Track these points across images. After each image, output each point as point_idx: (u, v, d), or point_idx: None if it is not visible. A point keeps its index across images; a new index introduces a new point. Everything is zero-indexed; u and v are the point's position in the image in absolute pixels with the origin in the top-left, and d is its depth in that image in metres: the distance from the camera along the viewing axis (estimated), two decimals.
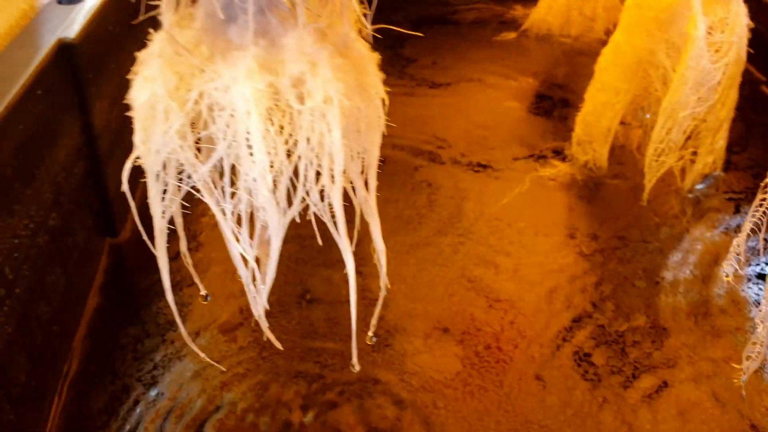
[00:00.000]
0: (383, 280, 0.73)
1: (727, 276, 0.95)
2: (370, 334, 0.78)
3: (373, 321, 0.77)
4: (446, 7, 2.41)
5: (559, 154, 1.63)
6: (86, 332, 1.14)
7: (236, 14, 0.60)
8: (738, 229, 1.40)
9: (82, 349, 1.11)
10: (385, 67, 0.68)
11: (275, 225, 0.59)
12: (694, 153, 1.48)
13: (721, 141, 1.51)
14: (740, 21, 1.37)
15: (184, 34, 0.60)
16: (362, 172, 0.70)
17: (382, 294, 0.74)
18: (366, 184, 0.71)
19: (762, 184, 0.83)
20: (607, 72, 1.50)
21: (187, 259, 0.76)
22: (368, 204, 0.70)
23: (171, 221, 0.68)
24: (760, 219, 0.87)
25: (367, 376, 1.07)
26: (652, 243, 1.37)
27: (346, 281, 0.67)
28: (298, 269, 1.28)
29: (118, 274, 1.28)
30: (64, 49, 1.10)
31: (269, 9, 0.60)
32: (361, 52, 0.66)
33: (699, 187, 1.53)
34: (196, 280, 0.78)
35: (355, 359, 0.75)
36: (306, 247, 1.31)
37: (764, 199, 0.84)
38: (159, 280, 0.70)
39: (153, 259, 0.71)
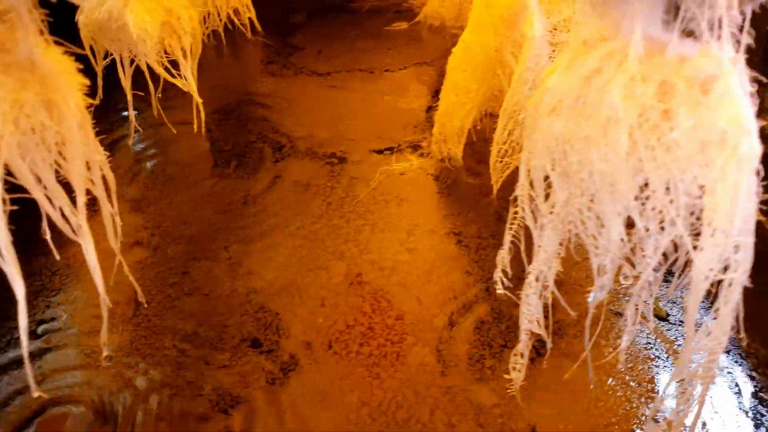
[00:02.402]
0: (103, 298, 0.73)
1: (498, 290, 0.96)
2: (105, 353, 0.78)
3: (103, 339, 0.77)
4: None
5: (417, 149, 1.64)
6: None
7: None
8: None
9: None
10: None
11: None
12: None
13: None
14: None
15: None
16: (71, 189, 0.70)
17: (105, 310, 0.74)
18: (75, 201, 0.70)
19: (511, 198, 0.84)
20: (457, 72, 1.50)
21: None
22: (75, 223, 0.69)
23: None
24: (517, 232, 0.88)
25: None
26: (487, 239, 1.38)
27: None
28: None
29: None
30: None
31: None
32: (50, 69, 0.65)
33: None
34: None
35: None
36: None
37: (516, 213, 0.85)
38: None
39: None
